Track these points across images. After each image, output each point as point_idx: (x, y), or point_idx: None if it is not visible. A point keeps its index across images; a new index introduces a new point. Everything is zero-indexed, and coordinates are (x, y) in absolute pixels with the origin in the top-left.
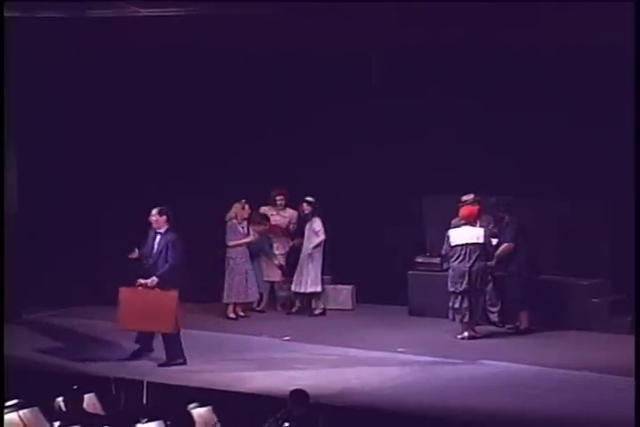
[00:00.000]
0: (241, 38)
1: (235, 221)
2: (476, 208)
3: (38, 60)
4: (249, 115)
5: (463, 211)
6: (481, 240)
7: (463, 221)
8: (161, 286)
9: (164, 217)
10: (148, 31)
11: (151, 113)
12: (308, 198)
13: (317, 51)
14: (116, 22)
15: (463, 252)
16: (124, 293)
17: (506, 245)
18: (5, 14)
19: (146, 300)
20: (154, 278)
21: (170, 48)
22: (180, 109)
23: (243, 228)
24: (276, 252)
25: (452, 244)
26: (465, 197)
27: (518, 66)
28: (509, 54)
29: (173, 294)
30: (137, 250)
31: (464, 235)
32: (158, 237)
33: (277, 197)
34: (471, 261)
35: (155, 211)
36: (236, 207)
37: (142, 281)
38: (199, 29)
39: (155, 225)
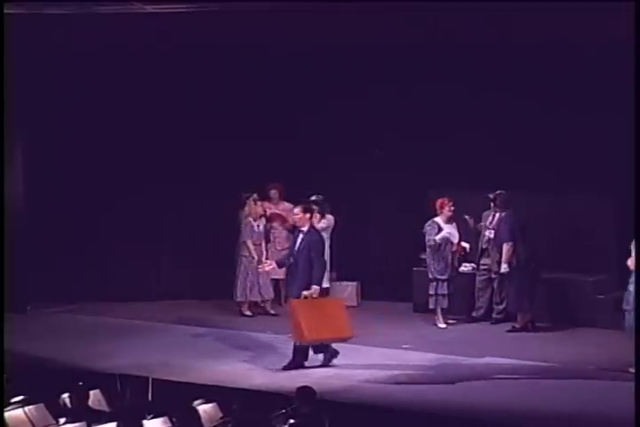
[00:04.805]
0: (244, 35)
1: (250, 218)
2: (438, 202)
3: (42, 58)
4: (256, 112)
5: None
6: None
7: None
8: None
9: (307, 215)
10: (154, 28)
11: (156, 110)
12: (313, 197)
13: (323, 46)
14: (121, 19)
15: None
16: (298, 305)
17: (506, 246)
18: (10, 11)
19: (322, 310)
20: (316, 288)
21: (175, 45)
22: (184, 106)
23: (259, 226)
24: (278, 247)
25: None
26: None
27: (524, 63)
28: (516, 52)
29: (342, 301)
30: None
31: None
32: (300, 235)
33: (271, 191)
34: None
35: (297, 209)
36: (250, 204)
37: (306, 293)
38: (204, 26)
39: (299, 223)
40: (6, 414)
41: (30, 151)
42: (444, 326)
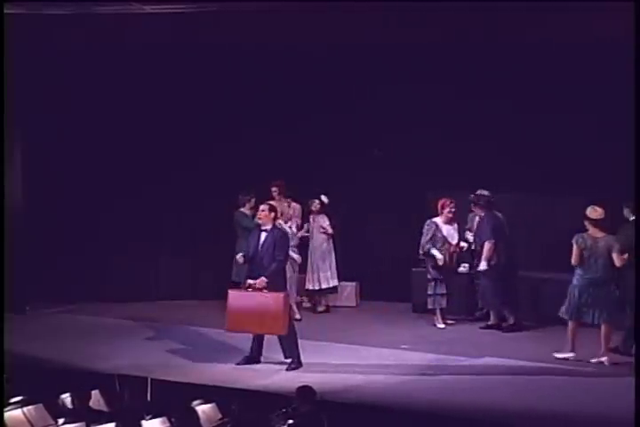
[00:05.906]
0: (243, 35)
1: (281, 220)
2: (439, 203)
3: (42, 58)
4: (256, 112)
5: None
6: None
7: None
8: (268, 285)
9: (273, 214)
10: (153, 28)
11: (155, 110)
12: (323, 198)
13: (323, 46)
14: (121, 19)
15: None
16: (233, 296)
17: (487, 244)
18: (10, 11)
19: (255, 303)
20: (263, 279)
21: (174, 45)
22: (184, 106)
23: (290, 227)
24: None
25: None
26: (479, 192)
27: (520, 64)
28: (514, 53)
29: (282, 295)
30: (242, 255)
31: None
32: (264, 234)
33: (272, 189)
34: None
35: (264, 207)
36: (282, 206)
37: (251, 282)
38: (203, 26)
39: (262, 221)
40: (5, 415)
41: (30, 151)
42: (442, 326)
